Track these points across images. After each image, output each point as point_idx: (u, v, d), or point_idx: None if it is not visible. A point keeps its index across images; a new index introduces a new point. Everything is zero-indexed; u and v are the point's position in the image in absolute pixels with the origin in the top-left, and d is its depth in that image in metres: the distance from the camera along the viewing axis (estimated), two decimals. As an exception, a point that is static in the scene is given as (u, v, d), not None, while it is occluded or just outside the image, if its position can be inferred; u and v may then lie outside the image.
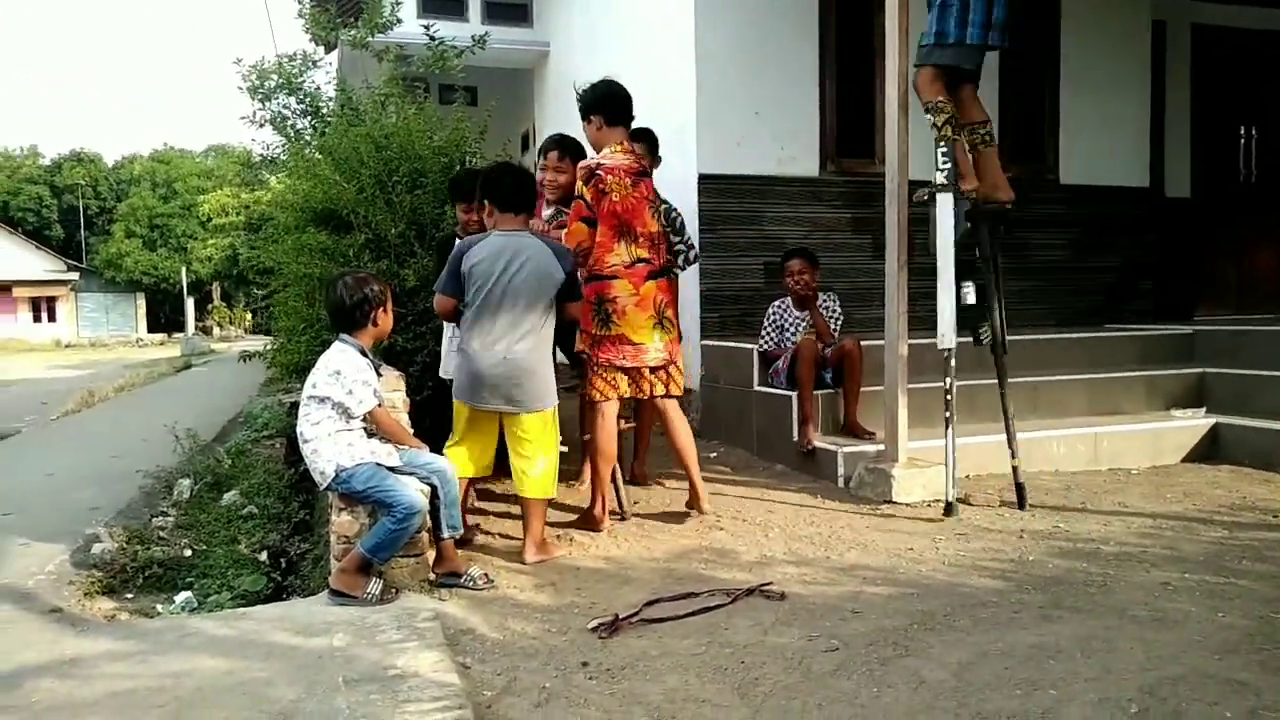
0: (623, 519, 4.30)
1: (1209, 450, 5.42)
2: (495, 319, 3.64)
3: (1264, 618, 2.87)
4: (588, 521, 4.16)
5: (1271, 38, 8.51)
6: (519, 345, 3.65)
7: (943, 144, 4.33)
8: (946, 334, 4.34)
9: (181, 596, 4.03)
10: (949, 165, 4.33)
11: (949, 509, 4.22)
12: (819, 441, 5.10)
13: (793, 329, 5.44)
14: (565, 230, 4.10)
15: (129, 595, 4.09)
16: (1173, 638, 2.74)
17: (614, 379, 4.05)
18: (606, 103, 4.10)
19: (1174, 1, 8.19)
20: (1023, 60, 7.32)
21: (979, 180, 4.43)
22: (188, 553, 4.64)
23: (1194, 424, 5.51)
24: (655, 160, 4.83)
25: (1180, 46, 8.29)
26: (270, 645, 2.83)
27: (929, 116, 4.35)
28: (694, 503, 4.27)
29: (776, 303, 5.57)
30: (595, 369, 4.06)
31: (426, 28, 8.21)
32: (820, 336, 5.29)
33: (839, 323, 5.43)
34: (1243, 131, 8.60)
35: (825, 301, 5.44)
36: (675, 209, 5.03)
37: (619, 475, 4.35)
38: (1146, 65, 7.74)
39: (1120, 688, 2.41)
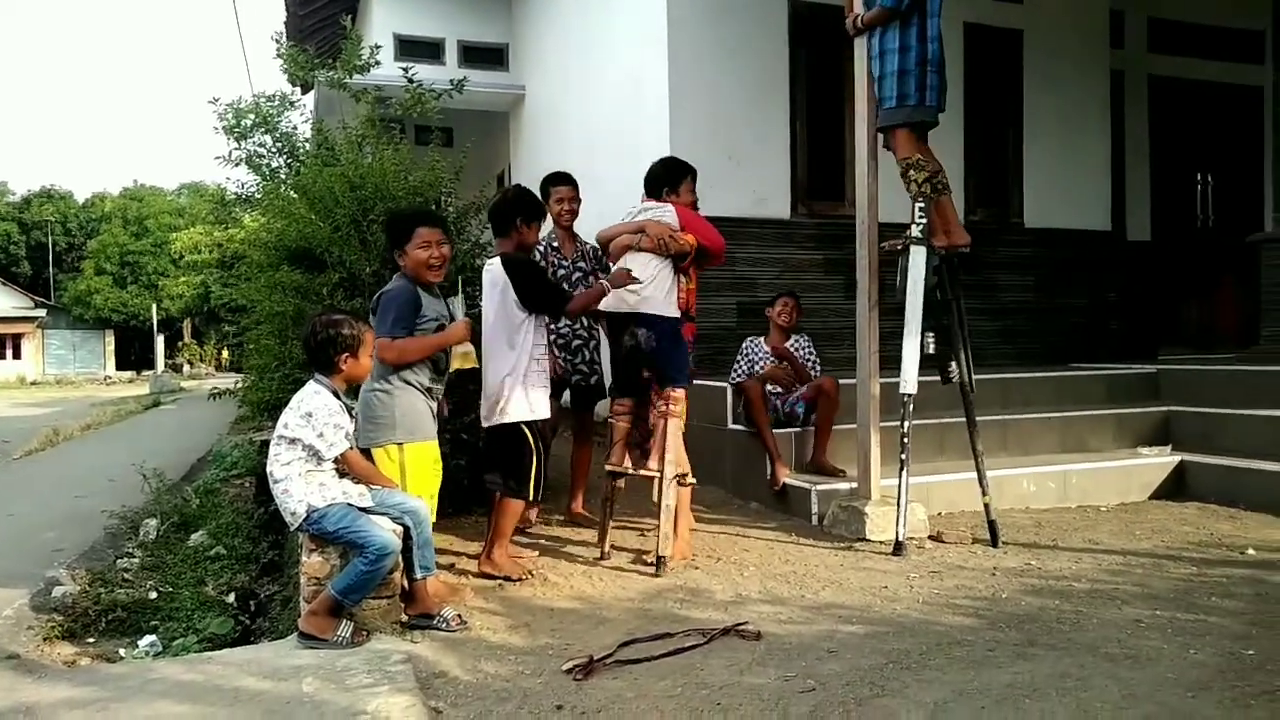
0: (603, 557, 4.28)
1: (1176, 487, 5.50)
2: None
3: (1233, 654, 2.90)
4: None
5: (1223, 89, 8.82)
6: None
7: (921, 200, 4.44)
8: (909, 380, 4.41)
9: (145, 641, 3.94)
10: (925, 221, 4.44)
11: (898, 548, 4.24)
12: (791, 479, 5.12)
13: (761, 365, 5.49)
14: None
15: (90, 640, 4.01)
16: (1146, 675, 2.75)
17: None
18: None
19: (1131, 53, 8.48)
20: (988, 109, 7.53)
21: (937, 226, 4.55)
22: (153, 595, 4.55)
23: (1161, 461, 5.59)
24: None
25: (1138, 96, 8.56)
26: (237, 690, 2.77)
27: (911, 173, 4.44)
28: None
29: (750, 339, 5.63)
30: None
31: (404, 70, 8.28)
32: (798, 377, 5.34)
33: (816, 363, 5.49)
34: (1199, 178, 8.86)
35: (797, 341, 5.50)
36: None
37: (608, 513, 4.35)
38: (1106, 114, 7.98)
39: (1094, 725, 2.42)
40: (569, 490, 5.27)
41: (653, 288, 4.15)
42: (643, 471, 4.20)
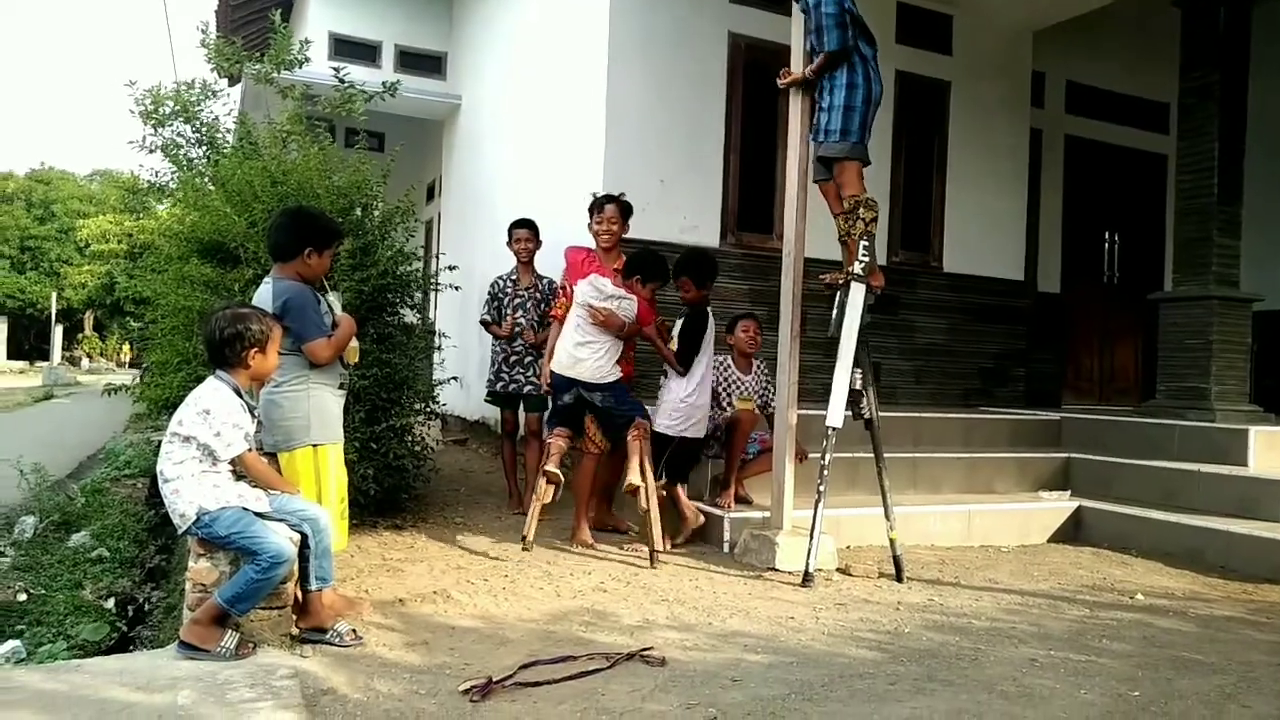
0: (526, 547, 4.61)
1: (1073, 531, 5.68)
2: None
3: (1120, 696, 2.97)
4: None
5: (1133, 154, 9.28)
6: None
7: (866, 239, 4.50)
8: (838, 412, 4.44)
9: (8, 646, 3.67)
10: (868, 259, 4.50)
11: (807, 578, 4.26)
12: (706, 506, 5.11)
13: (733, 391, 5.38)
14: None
15: (-54, 644, 3.71)
16: (1038, 714, 2.80)
17: None
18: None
19: (1050, 113, 8.85)
20: (915, 155, 7.75)
21: (873, 265, 4.62)
22: (22, 597, 4.27)
23: (1060, 506, 5.77)
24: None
25: (1055, 154, 8.93)
26: (104, 702, 2.59)
27: (861, 211, 4.49)
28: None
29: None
30: None
31: (335, 70, 8.08)
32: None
33: (771, 395, 5.42)
34: (1107, 236, 9.27)
35: (759, 368, 5.41)
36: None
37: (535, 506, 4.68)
38: (1024, 169, 8.29)
39: (987, 762, 2.44)
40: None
41: (605, 359, 4.82)
42: (626, 487, 4.64)
